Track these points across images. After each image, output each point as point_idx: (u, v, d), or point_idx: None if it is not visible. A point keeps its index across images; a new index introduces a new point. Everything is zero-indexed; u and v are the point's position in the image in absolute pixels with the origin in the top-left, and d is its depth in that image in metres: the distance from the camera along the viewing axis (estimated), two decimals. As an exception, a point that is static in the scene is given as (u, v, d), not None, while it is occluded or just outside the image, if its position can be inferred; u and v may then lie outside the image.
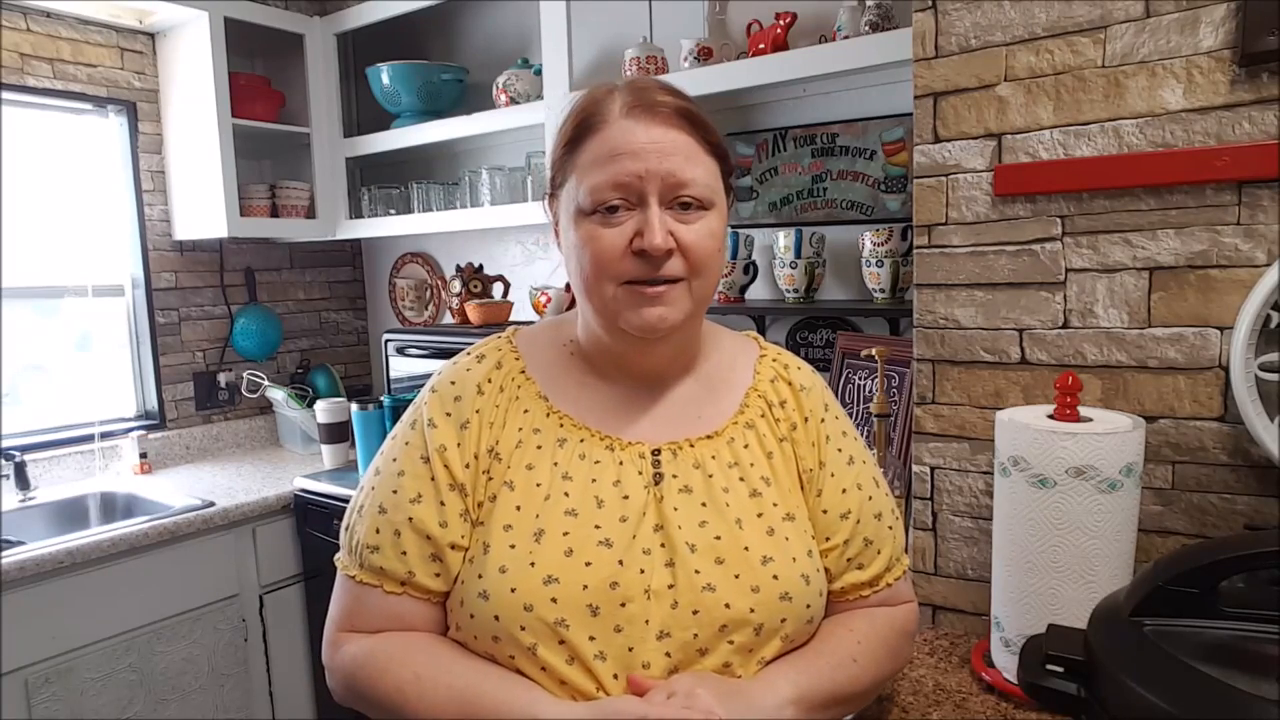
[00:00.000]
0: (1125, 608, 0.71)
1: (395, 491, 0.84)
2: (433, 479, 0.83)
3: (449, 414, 0.86)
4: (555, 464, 0.83)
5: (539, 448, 0.84)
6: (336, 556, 0.88)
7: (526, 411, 0.86)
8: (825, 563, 0.89)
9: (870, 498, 0.92)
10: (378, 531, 0.83)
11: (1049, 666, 0.72)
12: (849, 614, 0.90)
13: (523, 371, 0.89)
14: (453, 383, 0.88)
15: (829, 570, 0.89)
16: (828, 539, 0.89)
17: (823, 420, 0.92)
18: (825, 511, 0.89)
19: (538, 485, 0.82)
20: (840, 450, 0.92)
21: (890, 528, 0.93)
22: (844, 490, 0.90)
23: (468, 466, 0.84)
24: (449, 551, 0.82)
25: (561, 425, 0.86)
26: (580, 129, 0.83)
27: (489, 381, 0.88)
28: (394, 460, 0.87)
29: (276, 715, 2.32)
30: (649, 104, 0.81)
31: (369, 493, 0.87)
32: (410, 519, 0.82)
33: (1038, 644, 0.75)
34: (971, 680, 1.12)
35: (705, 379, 0.92)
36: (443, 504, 0.83)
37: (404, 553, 0.82)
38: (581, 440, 0.85)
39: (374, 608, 0.83)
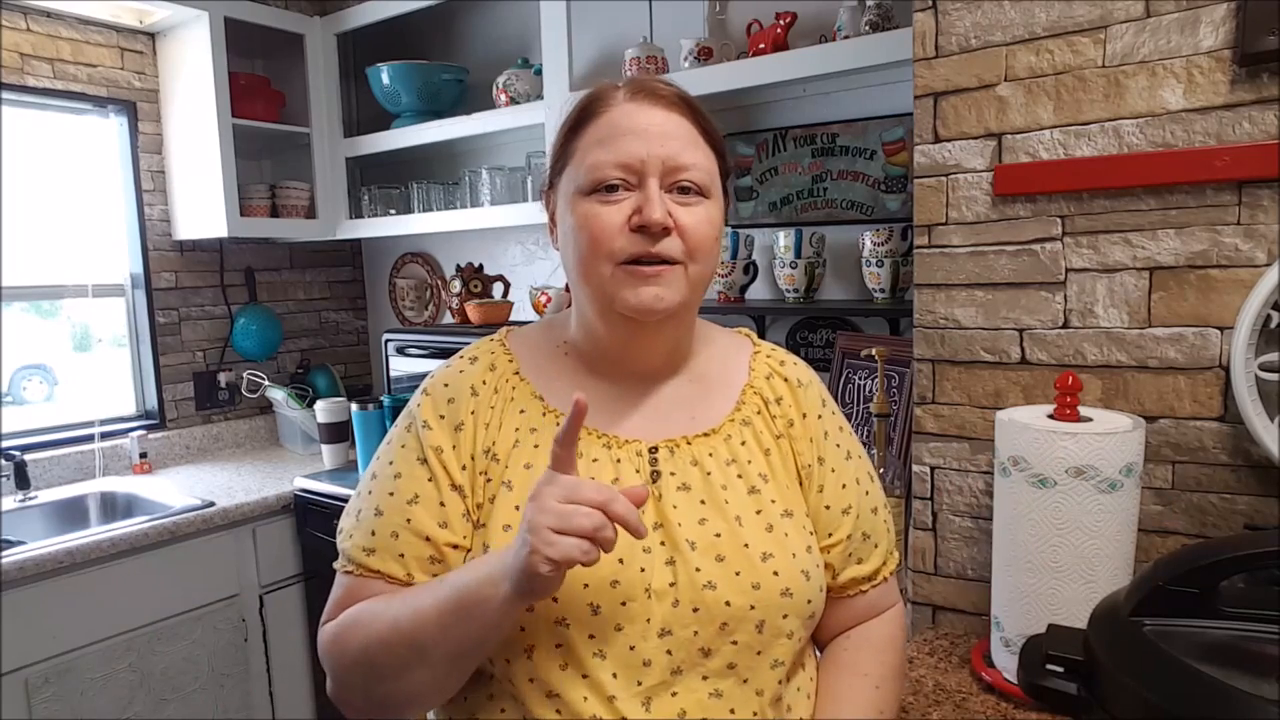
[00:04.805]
0: (1125, 608, 0.71)
1: (392, 494, 0.84)
2: (430, 479, 0.83)
3: (443, 416, 0.86)
4: None
5: (536, 447, 0.84)
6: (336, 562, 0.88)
7: (523, 412, 0.86)
8: (828, 558, 0.89)
9: (867, 492, 0.94)
10: (373, 534, 0.83)
11: (1049, 666, 0.72)
12: (854, 651, 0.91)
13: (517, 373, 0.89)
14: (446, 385, 0.88)
15: (832, 566, 0.90)
16: (830, 534, 0.90)
17: (820, 416, 0.93)
18: (828, 507, 0.90)
19: None
20: (839, 446, 0.93)
21: (885, 522, 0.95)
22: (844, 486, 0.91)
23: (464, 468, 0.84)
24: (450, 552, 0.82)
25: (559, 424, 0.85)
26: (584, 113, 0.85)
27: (483, 384, 0.87)
28: (390, 464, 0.86)
29: (276, 715, 2.32)
30: (651, 89, 0.84)
31: (365, 497, 0.86)
32: (409, 520, 0.82)
33: (1038, 644, 0.74)
34: (971, 680, 1.12)
35: (699, 376, 0.92)
36: (443, 505, 0.82)
37: (401, 555, 0.82)
38: (579, 439, 0.85)
39: (364, 597, 0.82)
